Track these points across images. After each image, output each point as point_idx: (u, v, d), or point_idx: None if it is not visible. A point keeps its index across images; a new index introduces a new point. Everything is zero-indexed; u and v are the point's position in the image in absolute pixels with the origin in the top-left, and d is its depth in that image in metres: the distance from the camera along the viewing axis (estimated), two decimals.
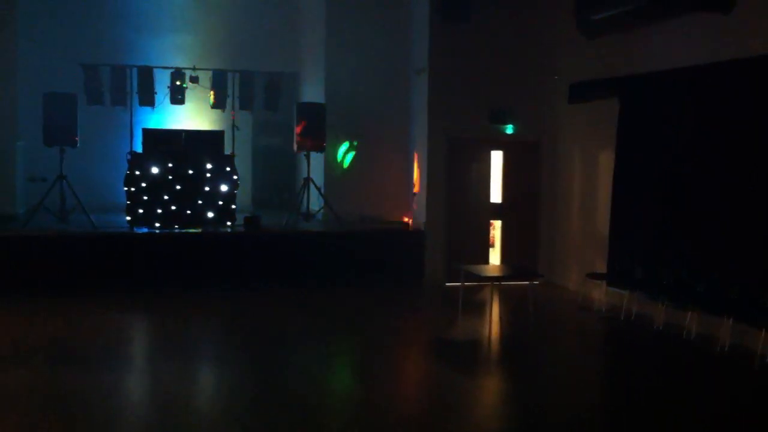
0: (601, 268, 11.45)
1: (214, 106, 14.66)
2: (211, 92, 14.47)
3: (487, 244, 13.48)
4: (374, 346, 9.16)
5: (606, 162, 11.69)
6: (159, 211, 12.44)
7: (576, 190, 12.72)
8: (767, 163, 8.61)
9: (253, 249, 12.28)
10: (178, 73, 14.28)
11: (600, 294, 11.34)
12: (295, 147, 13.93)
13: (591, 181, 12.26)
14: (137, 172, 12.42)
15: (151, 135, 13.03)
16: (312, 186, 13.77)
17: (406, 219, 13.79)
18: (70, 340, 9.08)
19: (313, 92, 15.19)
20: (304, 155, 13.96)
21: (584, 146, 12.49)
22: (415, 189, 13.49)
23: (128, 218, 12.38)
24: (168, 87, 14.27)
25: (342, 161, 14.30)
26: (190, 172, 12.62)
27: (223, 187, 12.77)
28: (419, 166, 13.45)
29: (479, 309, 11.25)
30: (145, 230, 12.33)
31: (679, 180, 10.03)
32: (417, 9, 13.54)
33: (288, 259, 12.33)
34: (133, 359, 8.78)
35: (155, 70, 14.17)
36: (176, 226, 12.44)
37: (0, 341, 8.87)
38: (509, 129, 13.17)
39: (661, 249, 10.25)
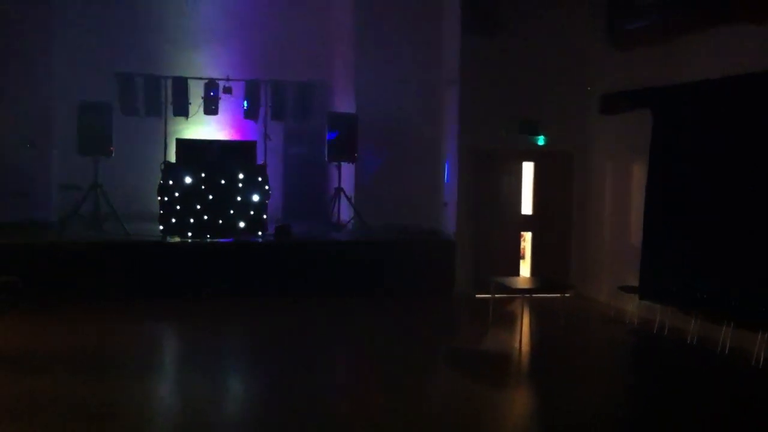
0: (634, 281, 11.35)
1: (247, 116, 14.78)
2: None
3: (517, 256, 13.42)
4: (403, 357, 9.15)
5: (638, 173, 11.60)
6: (191, 220, 12.55)
7: (608, 201, 12.63)
8: None
9: (284, 258, 12.33)
10: (211, 84, 14.42)
11: (632, 307, 11.24)
12: (326, 157, 14.00)
13: (623, 193, 12.17)
14: (170, 182, 12.55)
15: (184, 145, 13.18)
16: (343, 196, 13.81)
17: None
18: (102, 348, 9.17)
19: (344, 102, 15.25)
20: (335, 165, 14.01)
21: (616, 157, 12.41)
22: None
23: (161, 227, 12.51)
24: (202, 97, 14.41)
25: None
26: (223, 181, 12.72)
27: (255, 197, 12.85)
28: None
29: (510, 321, 11.20)
30: (178, 239, 12.44)
31: (713, 192, 9.93)
32: (448, 21, 13.55)
33: (318, 269, 12.36)
34: (162, 368, 8.86)
35: (189, 80, 14.32)
36: (208, 236, 12.53)
37: (33, 348, 8.99)
38: (540, 140, 13.12)
39: (694, 262, 10.14)
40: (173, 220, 12.51)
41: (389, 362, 9.01)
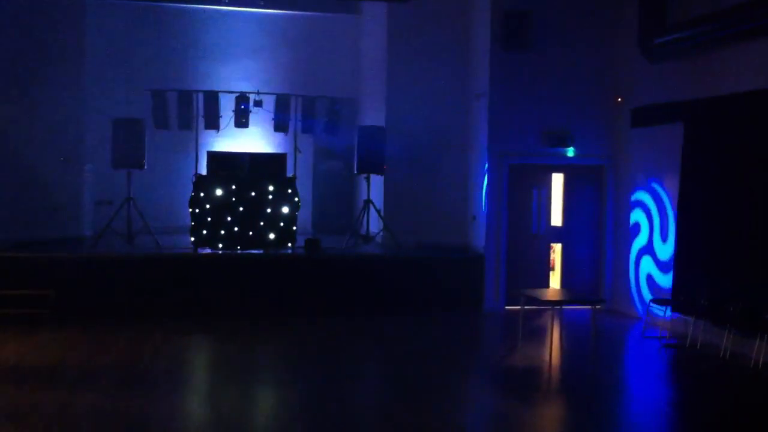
0: (666, 294, 11.27)
1: (277, 129, 14.90)
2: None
3: (547, 268, 13.37)
4: (433, 370, 9.14)
5: (670, 187, 11.52)
6: (222, 232, 12.65)
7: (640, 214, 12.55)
8: None
9: (313, 271, 12.37)
10: (242, 97, 14.55)
11: (664, 321, 11.14)
12: (355, 169, 14.06)
13: (656, 206, 12.08)
14: (202, 194, 12.67)
15: (215, 158, 13.30)
16: (372, 209, 13.85)
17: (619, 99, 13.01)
18: (133, 361, 9.26)
19: (373, 116, 15.32)
20: (365, 178, 14.07)
21: (648, 170, 12.33)
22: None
23: (192, 239, 12.63)
24: (233, 111, 14.55)
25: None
26: (253, 194, 12.81)
27: (285, 209, 12.93)
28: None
29: (540, 334, 11.15)
30: (209, 251, 12.55)
31: (745, 205, 9.84)
32: (477, 34, 13.58)
33: (347, 282, 12.39)
34: (193, 382, 8.94)
35: (220, 94, 14.47)
36: (238, 248, 12.63)
37: (66, 361, 9.11)
38: (570, 152, 13.08)
39: (727, 275, 10.05)
40: (204, 232, 12.62)
41: (418, 377, 8.98)
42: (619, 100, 12.89)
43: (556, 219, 13.37)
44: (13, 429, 6.69)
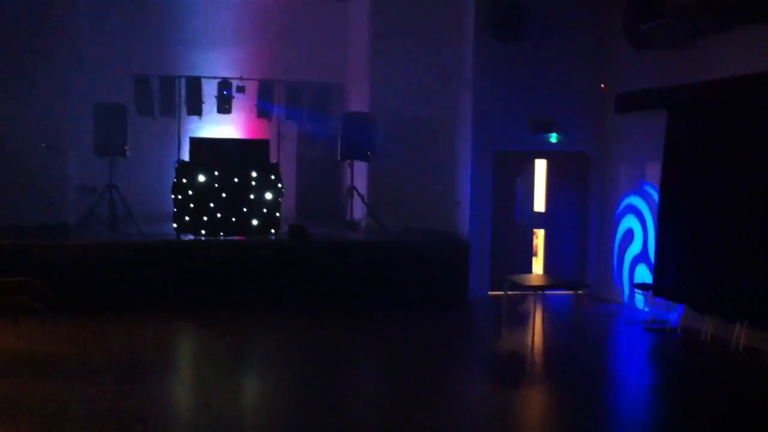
0: (648, 278, 11.34)
1: (260, 115, 14.83)
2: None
3: (530, 254, 13.42)
4: (417, 356, 9.17)
5: (653, 172, 11.57)
6: (205, 219, 12.60)
7: (623, 199, 12.60)
8: None
9: (297, 257, 12.35)
10: (225, 83, 14.47)
11: (647, 306, 11.21)
12: (339, 156, 14.03)
13: (639, 191, 12.14)
14: (184, 180, 12.60)
15: (198, 144, 13.23)
16: (356, 194, 13.83)
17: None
18: (120, 350, 9.25)
19: (358, 103, 15.26)
20: (348, 164, 14.04)
21: (632, 156, 12.38)
22: None
23: (175, 226, 12.57)
24: (215, 97, 14.46)
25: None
26: (236, 180, 12.76)
27: (268, 196, 12.88)
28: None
29: (523, 320, 11.20)
30: (191, 238, 12.50)
31: (727, 191, 9.90)
32: (463, 21, 13.54)
33: (331, 267, 12.36)
34: (177, 370, 8.94)
35: (203, 79, 14.37)
36: (221, 234, 12.58)
37: (53, 351, 9.10)
38: (553, 138, 13.10)
39: (709, 261, 10.12)
40: (187, 219, 12.56)
41: (402, 362, 9.02)
42: (603, 86, 12.90)
43: (540, 205, 13.41)
44: None
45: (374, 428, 6.83)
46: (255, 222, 12.80)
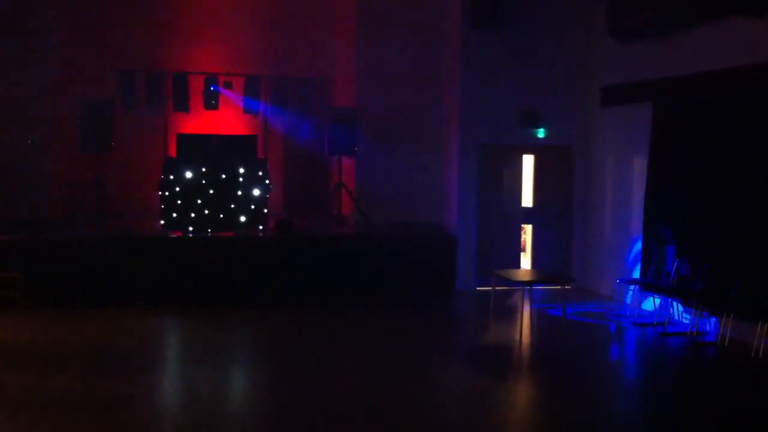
0: (636, 273, 11.38)
1: (247, 110, 14.80)
2: None
3: (518, 248, 13.43)
4: (405, 350, 9.18)
5: (640, 165, 11.59)
6: (192, 215, 12.56)
7: (609, 193, 12.62)
8: None
9: (285, 252, 12.34)
10: (211, 79, 14.44)
11: (634, 300, 11.25)
12: (326, 151, 14.00)
13: (625, 185, 12.16)
14: (171, 177, 12.55)
15: (185, 140, 13.18)
16: (343, 190, 13.82)
17: None
18: (104, 343, 9.23)
19: (345, 98, 15.25)
20: (336, 159, 14.02)
21: (618, 149, 12.40)
22: None
23: (162, 222, 12.53)
24: (202, 92, 14.42)
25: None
26: (223, 176, 12.72)
27: (256, 191, 12.85)
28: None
29: (510, 314, 11.22)
30: (179, 234, 12.46)
31: (713, 183, 9.93)
32: (449, 13, 13.53)
33: (319, 262, 12.37)
34: (162, 364, 8.92)
35: (189, 75, 14.32)
36: (209, 230, 12.55)
37: (37, 343, 9.04)
38: (540, 133, 13.12)
39: (695, 254, 10.15)
40: (174, 215, 12.52)
41: (390, 356, 9.01)
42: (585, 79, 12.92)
43: (527, 199, 13.42)
44: None
45: (360, 419, 6.83)
46: (242, 218, 12.77)
